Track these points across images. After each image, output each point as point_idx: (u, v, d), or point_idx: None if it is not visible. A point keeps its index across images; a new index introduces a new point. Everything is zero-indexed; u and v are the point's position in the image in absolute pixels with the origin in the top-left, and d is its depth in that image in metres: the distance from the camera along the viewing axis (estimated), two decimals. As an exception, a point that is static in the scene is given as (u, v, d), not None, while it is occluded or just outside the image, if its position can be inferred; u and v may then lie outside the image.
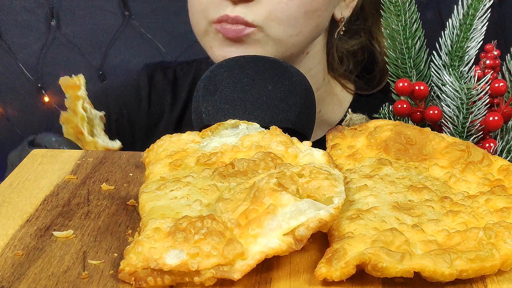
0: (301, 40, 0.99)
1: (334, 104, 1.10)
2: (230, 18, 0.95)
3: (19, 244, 0.61)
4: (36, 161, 0.78)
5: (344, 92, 1.12)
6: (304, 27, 0.98)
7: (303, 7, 0.96)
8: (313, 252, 0.60)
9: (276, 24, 0.96)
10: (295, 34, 0.97)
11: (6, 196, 0.70)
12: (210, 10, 0.98)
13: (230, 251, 0.54)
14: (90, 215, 0.66)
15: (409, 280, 0.55)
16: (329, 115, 1.10)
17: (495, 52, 0.85)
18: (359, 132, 0.75)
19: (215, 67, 0.82)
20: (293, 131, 0.77)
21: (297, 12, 0.96)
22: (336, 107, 1.11)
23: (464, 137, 0.81)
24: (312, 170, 0.60)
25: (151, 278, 0.54)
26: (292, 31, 0.97)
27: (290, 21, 0.96)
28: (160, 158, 0.70)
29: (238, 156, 0.68)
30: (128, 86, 1.15)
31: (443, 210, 0.62)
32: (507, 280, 0.57)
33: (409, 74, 0.87)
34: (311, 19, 0.97)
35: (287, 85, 0.79)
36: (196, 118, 0.80)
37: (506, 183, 0.66)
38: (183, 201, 0.61)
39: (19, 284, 0.55)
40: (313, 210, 0.56)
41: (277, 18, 0.95)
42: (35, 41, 1.52)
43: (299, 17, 0.96)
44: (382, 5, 0.87)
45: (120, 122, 1.15)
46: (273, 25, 0.96)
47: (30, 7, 1.51)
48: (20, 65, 1.52)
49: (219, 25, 0.96)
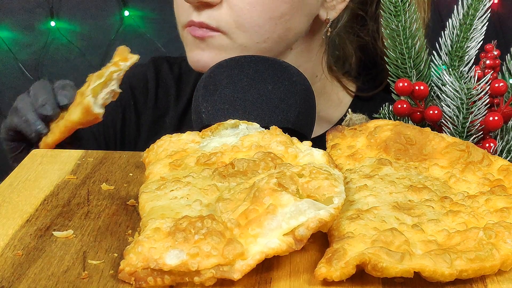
0: (271, 46, 0.98)
1: (331, 102, 1.10)
2: (196, 23, 0.96)
3: (19, 244, 0.61)
4: (36, 161, 0.78)
5: (343, 91, 1.12)
6: (271, 33, 0.96)
7: (266, 13, 0.94)
8: (313, 252, 0.60)
9: (241, 32, 0.95)
10: (262, 41, 0.96)
11: (6, 196, 0.70)
12: (180, 15, 1.00)
13: (230, 251, 0.54)
14: (90, 215, 0.66)
15: (409, 280, 0.55)
16: (326, 112, 1.09)
17: (495, 52, 0.85)
18: (359, 132, 0.75)
19: (215, 67, 0.82)
20: (293, 131, 0.77)
21: (261, 19, 0.94)
22: (334, 106, 1.10)
23: (464, 137, 0.81)
24: (312, 170, 0.60)
25: (151, 278, 0.54)
26: (258, 38, 0.96)
27: (255, 28, 0.95)
28: (160, 158, 0.70)
29: (238, 156, 0.68)
30: (136, 78, 1.15)
31: (443, 210, 0.62)
32: (507, 280, 0.57)
33: (409, 74, 0.87)
34: (278, 25, 0.96)
35: (287, 85, 0.79)
36: (196, 118, 0.80)
37: (506, 183, 0.66)
38: (183, 201, 0.61)
39: (19, 284, 0.55)
40: (313, 210, 0.56)
41: (241, 26, 0.95)
42: (35, 41, 1.52)
43: (263, 24, 0.95)
44: (382, 5, 0.87)
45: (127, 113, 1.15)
46: (239, 32, 0.95)
47: (30, 7, 1.51)
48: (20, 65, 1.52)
49: (190, 28, 0.98)
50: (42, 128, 0.89)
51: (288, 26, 0.97)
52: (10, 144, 0.95)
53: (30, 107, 0.90)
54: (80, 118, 0.84)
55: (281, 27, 0.96)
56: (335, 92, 1.11)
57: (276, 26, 0.96)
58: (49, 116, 0.89)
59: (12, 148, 0.95)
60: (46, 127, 0.89)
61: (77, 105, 0.85)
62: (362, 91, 1.12)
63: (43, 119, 0.89)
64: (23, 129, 0.90)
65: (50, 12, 1.50)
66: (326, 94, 1.10)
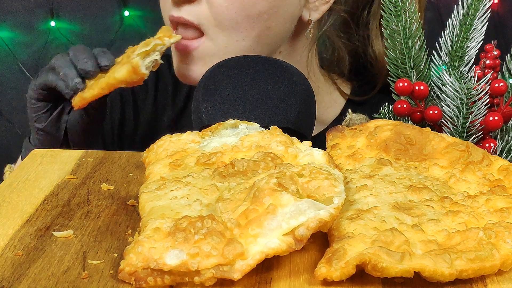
0: (251, 46, 0.98)
1: (325, 103, 1.10)
2: (175, 18, 0.96)
3: (19, 244, 0.61)
4: (36, 161, 0.78)
5: (337, 92, 1.12)
6: (249, 31, 0.96)
7: (244, 11, 0.94)
8: (313, 252, 0.60)
9: (220, 30, 0.95)
10: (241, 39, 0.96)
11: (6, 196, 0.70)
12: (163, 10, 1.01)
13: (230, 251, 0.54)
14: (90, 215, 0.66)
15: (409, 280, 0.55)
16: (319, 113, 1.09)
17: (495, 52, 0.85)
18: (359, 132, 0.75)
19: (215, 67, 0.82)
20: (293, 131, 0.77)
21: (238, 17, 0.94)
22: (328, 107, 1.10)
23: (464, 137, 0.81)
24: (312, 170, 0.60)
25: (151, 278, 0.54)
26: (237, 37, 0.96)
27: (233, 25, 0.95)
28: (160, 158, 0.70)
29: (238, 156, 0.68)
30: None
31: (443, 210, 0.62)
32: (507, 280, 0.57)
33: (409, 74, 0.87)
34: (256, 23, 0.96)
35: (287, 85, 0.79)
36: (196, 118, 0.80)
37: (506, 183, 0.66)
38: (183, 201, 0.61)
39: (19, 284, 0.55)
40: (313, 210, 0.56)
41: (220, 23, 0.95)
42: (35, 41, 1.52)
43: (241, 21, 0.95)
44: (382, 5, 0.87)
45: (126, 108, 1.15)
46: (218, 31, 0.95)
47: (30, 7, 1.51)
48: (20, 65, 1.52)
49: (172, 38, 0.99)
50: (80, 84, 0.90)
51: (268, 25, 0.97)
52: (36, 103, 0.95)
53: (69, 63, 0.92)
54: (126, 76, 0.88)
55: (260, 26, 0.96)
56: (329, 93, 1.11)
57: (254, 24, 0.96)
58: (90, 73, 0.91)
59: (38, 107, 0.95)
60: (83, 84, 0.91)
61: (123, 64, 0.88)
62: (356, 93, 1.12)
63: (82, 76, 0.91)
64: (59, 85, 0.91)
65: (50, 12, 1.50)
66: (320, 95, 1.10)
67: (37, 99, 0.95)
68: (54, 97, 0.94)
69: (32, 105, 0.95)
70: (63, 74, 0.91)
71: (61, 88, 0.91)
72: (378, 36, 1.09)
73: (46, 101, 0.95)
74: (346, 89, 1.13)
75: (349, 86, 1.14)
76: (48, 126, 0.95)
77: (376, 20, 1.09)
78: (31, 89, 0.95)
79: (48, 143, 0.96)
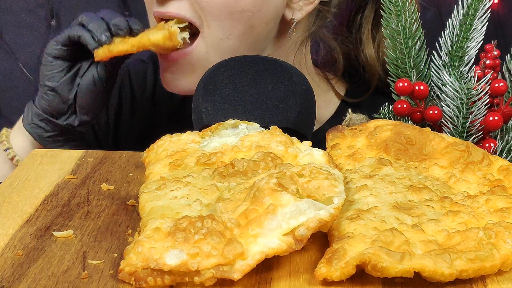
0: (235, 44, 0.97)
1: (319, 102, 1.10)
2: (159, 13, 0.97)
3: (19, 244, 0.61)
4: (36, 161, 0.78)
5: (332, 92, 1.12)
6: (232, 29, 0.96)
7: (227, 7, 0.94)
8: (313, 252, 0.60)
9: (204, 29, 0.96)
10: (225, 37, 0.96)
11: (6, 196, 0.70)
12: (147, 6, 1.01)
13: (230, 251, 0.54)
14: (90, 215, 0.66)
15: (409, 280, 0.55)
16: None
17: (495, 52, 0.85)
18: (359, 132, 0.75)
19: (215, 67, 0.82)
20: (293, 131, 0.77)
21: (221, 13, 0.94)
22: (322, 106, 1.10)
23: (464, 137, 0.81)
24: (312, 170, 0.60)
25: (151, 278, 0.54)
26: (221, 34, 0.96)
27: (215, 22, 0.95)
28: (160, 158, 0.70)
29: (238, 156, 0.68)
30: (136, 73, 1.16)
31: (443, 210, 0.62)
32: (507, 280, 0.57)
33: (409, 74, 0.87)
34: (239, 20, 0.95)
35: (287, 85, 0.79)
36: (196, 118, 0.80)
37: (506, 183, 0.66)
38: (183, 201, 0.61)
39: (19, 284, 0.55)
40: (313, 210, 0.56)
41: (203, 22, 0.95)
42: (35, 41, 1.51)
43: (224, 18, 0.95)
44: (382, 5, 0.87)
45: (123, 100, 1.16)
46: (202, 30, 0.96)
47: (30, 7, 1.51)
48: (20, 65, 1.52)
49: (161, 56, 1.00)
50: (109, 37, 0.92)
51: (251, 23, 0.96)
52: (52, 61, 0.95)
53: (99, 19, 0.93)
54: (160, 40, 0.91)
55: (243, 24, 0.96)
56: (324, 92, 1.11)
57: (237, 21, 0.96)
58: (123, 30, 0.92)
59: (53, 65, 0.95)
60: (111, 39, 0.92)
61: (160, 29, 0.91)
62: (350, 95, 1.12)
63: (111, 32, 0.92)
64: (84, 37, 0.92)
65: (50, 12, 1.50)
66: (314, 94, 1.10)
67: (55, 57, 0.95)
68: (73, 55, 0.94)
69: (47, 63, 0.95)
70: (92, 26, 0.92)
71: (86, 40, 0.92)
72: (370, 40, 1.09)
73: (63, 59, 0.95)
74: (341, 89, 1.13)
75: (344, 86, 1.14)
76: (60, 86, 0.95)
77: (368, 24, 1.09)
78: (51, 45, 0.95)
79: (56, 105, 0.96)
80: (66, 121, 0.97)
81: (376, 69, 1.09)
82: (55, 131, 0.97)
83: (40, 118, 0.96)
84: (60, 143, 0.98)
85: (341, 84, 1.14)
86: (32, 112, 0.96)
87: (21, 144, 0.97)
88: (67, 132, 0.98)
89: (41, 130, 0.96)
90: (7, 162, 0.97)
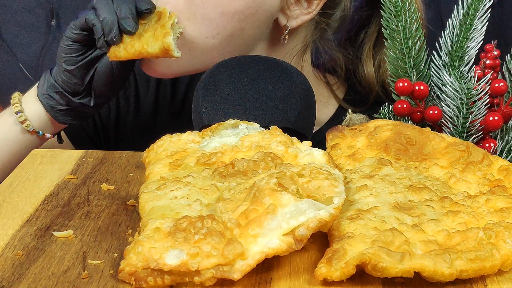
0: (221, 44, 0.95)
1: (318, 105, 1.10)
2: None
3: (19, 244, 0.61)
4: (36, 161, 0.78)
5: (330, 95, 1.12)
6: (222, 29, 0.94)
7: (219, 7, 0.93)
8: (313, 252, 0.60)
9: (191, 24, 0.94)
10: (211, 36, 0.94)
11: (6, 196, 0.70)
12: None
13: (230, 251, 0.54)
14: (90, 215, 0.66)
15: (409, 280, 0.55)
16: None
17: (495, 52, 0.85)
18: (359, 132, 0.75)
19: (215, 67, 0.82)
20: (293, 131, 0.77)
21: (213, 12, 0.93)
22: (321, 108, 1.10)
23: (464, 137, 0.81)
24: (312, 170, 0.60)
25: (151, 278, 0.54)
26: (208, 33, 0.94)
27: (205, 21, 0.93)
28: (160, 158, 0.70)
29: (238, 156, 0.68)
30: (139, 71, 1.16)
31: (443, 210, 0.62)
32: (507, 280, 0.57)
33: (409, 74, 0.87)
34: (230, 21, 0.94)
35: (287, 85, 0.79)
36: (196, 118, 0.80)
37: (506, 183, 0.66)
38: (183, 201, 0.61)
39: (19, 284, 0.55)
40: (313, 210, 0.56)
41: (192, 16, 0.93)
42: (35, 41, 1.51)
43: (215, 17, 0.93)
44: (382, 5, 0.87)
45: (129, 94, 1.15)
46: (189, 24, 0.94)
47: (30, 7, 1.51)
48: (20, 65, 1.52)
49: None
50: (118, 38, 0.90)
51: (242, 26, 0.95)
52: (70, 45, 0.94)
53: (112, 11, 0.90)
54: (158, 53, 0.89)
55: (234, 25, 0.95)
56: (322, 94, 1.11)
57: (229, 22, 0.94)
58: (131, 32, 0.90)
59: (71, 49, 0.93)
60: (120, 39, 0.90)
61: (157, 39, 0.89)
62: (350, 99, 1.12)
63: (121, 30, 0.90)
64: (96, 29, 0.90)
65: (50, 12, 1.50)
66: None
67: (73, 40, 0.93)
68: (90, 40, 0.93)
69: (66, 45, 0.94)
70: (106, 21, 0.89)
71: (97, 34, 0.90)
72: (370, 58, 1.08)
73: (81, 44, 0.93)
74: (340, 94, 1.13)
75: (343, 90, 1.13)
76: (75, 70, 0.94)
77: (370, 42, 1.08)
78: (69, 28, 0.93)
79: (71, 85, 0.95)
80: (80, 100, 0.96)
81: (374, 87, 1.08)
82: (68, 106, 0.96)
83: (55, 90, 0.95)
84: (70, 117, 0.97)
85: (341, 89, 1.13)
86: (48, 83, 0.95)
87: (33, 110, 0.96)
88: (80, 109, 0.97)
89: (54, 102, 0.95)
90: (18, 125, 0.96)
